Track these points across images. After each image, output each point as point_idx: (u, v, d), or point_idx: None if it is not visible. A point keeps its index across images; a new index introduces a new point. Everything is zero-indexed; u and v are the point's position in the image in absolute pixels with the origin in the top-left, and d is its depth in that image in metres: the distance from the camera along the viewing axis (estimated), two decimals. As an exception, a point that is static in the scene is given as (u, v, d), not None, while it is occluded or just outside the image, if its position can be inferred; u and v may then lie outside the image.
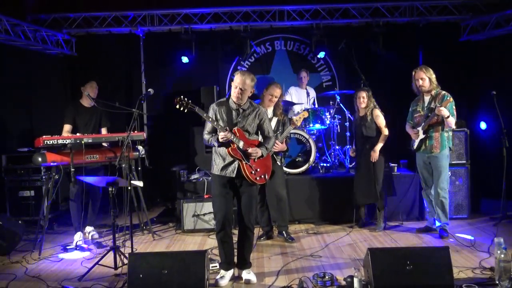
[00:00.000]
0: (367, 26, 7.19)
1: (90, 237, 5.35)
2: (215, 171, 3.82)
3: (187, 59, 7.19)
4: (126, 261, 3.94)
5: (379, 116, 5.25)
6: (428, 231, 5.18)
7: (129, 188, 4.55)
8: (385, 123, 5.27)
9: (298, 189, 5.81)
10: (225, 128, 3.66)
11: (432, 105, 4.87)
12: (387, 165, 5.45)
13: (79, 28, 7.20)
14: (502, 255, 3.51)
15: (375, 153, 5.20)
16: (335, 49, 7.05)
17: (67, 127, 5.18)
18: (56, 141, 4.67)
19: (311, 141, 5.91)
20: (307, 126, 6.23)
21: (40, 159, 4.68)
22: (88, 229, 5.42)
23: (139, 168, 5.47)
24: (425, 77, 4.85)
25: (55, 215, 5.89)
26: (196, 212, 5.48)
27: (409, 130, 5.19)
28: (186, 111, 3.65)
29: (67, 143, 4.72)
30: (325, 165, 6.31)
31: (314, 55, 7.54)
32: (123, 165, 4.94)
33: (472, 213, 5.85)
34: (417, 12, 7.09)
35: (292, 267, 4.21)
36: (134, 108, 4.70)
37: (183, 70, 7.50)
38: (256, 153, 3.75)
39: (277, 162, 4.97)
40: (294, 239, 5.05)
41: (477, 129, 6.42)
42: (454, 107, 4.82)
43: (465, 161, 5.80)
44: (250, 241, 3.94)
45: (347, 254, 4.57)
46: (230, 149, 3.70)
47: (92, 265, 4.13)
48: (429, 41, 7.29)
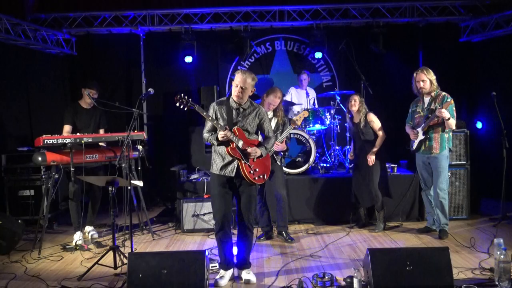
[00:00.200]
0: (367, 26, 7.20)
1: (89, 237, 5.35)
2: (215, 170, 3.82)
3: (191, 59, 7.19)
4: (125, 261, 3.94)
5: (373, 121, 5.27)
6: (427, 232, 5.18)
7: (129, 187, 4.55)
8: (381, 125, 5.28)
9: (298, 189, 5.81)
10: (225, 127, 3.66)
11: (432, 107, 4.87)
12: (383, 166, 5.45)
13: (79, 27, 7.20)
14: (501, 256, 3.51)
15: (371, 157, 5.22)
16: (335, 49, 7.06)
17: (67, 128, 5.19)
18: (56, 140, 4.68)
19: (311, 141, 5.91)
20: (307, 126, 6.23)
21: (40, 159, 4.68)
22: (87, 228, 5.42)
23: (139, 168, 5.49)
24: (426, 79, 4.85)
25: (54, 215, 5.89)
26: (195, 212, 5.48)
27: (408, 130, 5.19)
28: (186, 109, 3.65)
29: (67, 142, 4.72)
30: (325, 165, 6.31)
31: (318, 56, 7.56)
32: (123, 165, 4.94)
33: (471, 214, 5.85)
34: (417, 12, 7.10)
35: (291, 267, 4.21)
36: (134, 108, 4.70)
37: (183, 70, 7.51)
38: (255, 153, 3.75)
39: (277, 162, 4.97)
40: (293, 239, 5.05)
41: (476, 130, 6.41)
42: (454, 108, 4.83)
43: (464, 162, 5.80)
44: (249, 241, 3.94)
45: (346, 254, 4.57)
46: (229, 148, 3.70)
47: (91, 265, 4.12)
48: (429, 42, 7.30)
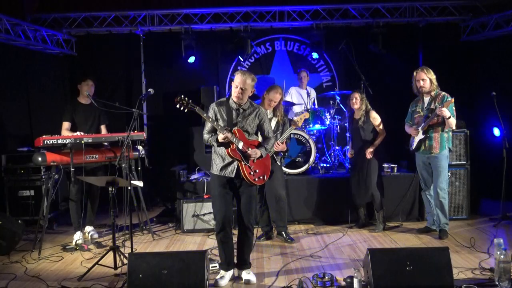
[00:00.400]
0: (367, 26, 7.20)
1: (89, 237, 5.35)
2: (215, 171, 3.82)
3: (193, 59, 7.21)
4: (125, 261, 3.94)
5: (376, 118, 5.27)
6: (427, 232, 5.18)
7: (129, 188, 4.55)
8: (382, 124, 5.30)
9: (297, 189, 5.81)
10: (225, 128, 3.66)
11: (432, 106, 4.87)
12: (381, 166, 5.46)
13: (79, 28, 7.20)
14: (501, 256, 3.51)
15: (369, 150, 5.19)
16: (335, 49, 7.05)
17: (66, 125, 5.18)
18: (56, 140, 4.68)
19: (311, 141, 5.90)
20: (307, 126, 6.24)
21: (40, 159, 4.68)
22: (87, 228, 5.42)
23: (139, 168, 5.48)
24: (426, 78, 4.85)
25: (54, 215, 5.89)
26: (195, 212, 5.48)
27: (408, 129, 5.18)
28: (186, 111, 3.65)
29: (67, 142, 4.72)
30: (325, 165, 6.30)
31: (318, 56, 7.56)
32: (123, 165, 4.94)
33: (471, 214, 5.85)
34: (417, 12, 7.10)
35: (291, 268, 4.21)
36: (134, 108, 4.70)
37: (183, 70, 7.51)
38: (255, 154, 3.74)
39: (277, 162, 4.97)
40: (293, 240, 5.05)
41: (477, 131, 6.38)
42: (454, 107, 4.83)
43: (464, 162, 5.80)
44: (250, 241, 3.94)
45: (346, 254, 4.57)
46: (229, 149, 3.69)
47: (92, 265, 4.12)
48: (429, 42, 7.30)
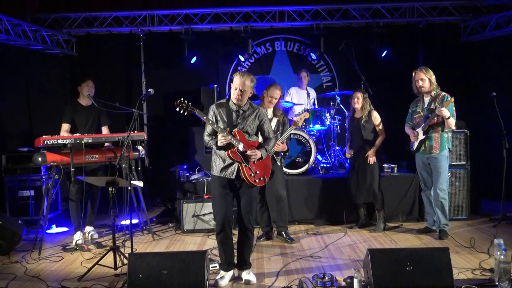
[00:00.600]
0: (367, 26, 7.20)
1: (89, 237, 5.35)
2: (215, 172, 3.82)
3: (194, 59, 7.23)
4: (126, 261, 3.94)
5: (377, 118, 5.28)
6: (427, 232, 5.18)
7: (129, 188, 4.55)
8: (382, 124, 5.30)
9: (298, 189, 5.81)
10: (225, 130, 3.65)
11: (432, 106, 4.87)
12: (381, 166, 5.47)
13: (80, 28, 7.20)
14: (501, 256, 3.51)
15: (373, 156, 5.23)
16: (335, 49, 7.05)
17: (65, 126, 5.18)
18: (56, 141, 4.68)
19: (311, 141, 5.90)
20: (307, 126, 6.23)
21: (40, 159, 4.69)
22: (87, 229, 5.42)
23: (139, 168, 5.48)
24: (425, 78, 4.85)
25: (55, 215, 5.89)
26: (196, 212, 5.48)
27: (408, 131, 5.19)
28: (186, 114, 3.64)
29: (67, 143, 4.72)
30: (325, 165, 6.30)
31: (318, 57, 7.57)
32: (123, 165, 4.94)
33: (471, 214, 5.85)
34: (417, 13, 7.10)
35: (292, 268, 4.21)
36: (134, 108, 4.70)
37: (183, 70, 7.51)
38: (255, 156, 3.74)
39: (277, 162, 4.97)
40: (293, 240, 5.05)
41: (477, 131, 6.37)
42: (454, 107, 4.83)
43: (464, 162, 5.80)
44: (250, 242, 3.94)
45: (347, 254, 4.57)
46: (229, 151, 3.67)
47: (92, 265, 4.12)
48: (429, 42, 7.29)
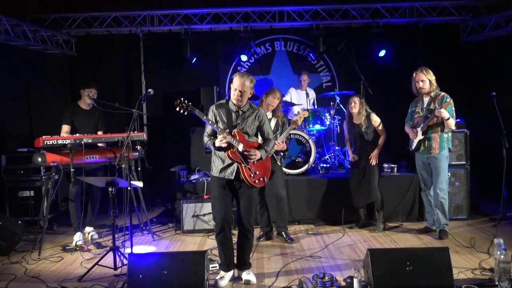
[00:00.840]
0: (367, 26, 7.20)
1: (89, 238, 5.35)
2: (214, 172, 3.81)
3: (194, 59, 7.24)
4: (125, 262, 3.94)
5: (376, 121, 5.29)
6: (427, 232, 5.18)
7: (129, 188, 4.55)
8: (382, 124, 5.32)
9: (297, 189, 5.81)
10: (225, 131, 3.65)
11: (431, 107, 4.87)
12: (380, 166, 5.48)
13: (79, 28, 7.21)
14: (501, 256, 3.51)
15: (375, 158, 5.25)
16: (335, 49, 7.05)
17: (65, 128, 5.19)
18: (55, 141, 4.67)
19: (311, 141, 5.90)
20: (307, 126, 6.23)
21: (40, 159, 4.68)
22: (87, 229, 5.42)
23: (139, 168, 5.49)
24: (425, 79, 4.85)
25: (54, 215, 5.88)
26: (195, 212, 5.48)
27: (408, 130, 5.19)
28: (186, 114, 3.64)
29: (66, 143, 4.72)
30: (324, 165, 6.30)
31: (318, 57, 7.56)
32: (123, 166, 4.94)
33: (471, 214, 5.84)
34: (417, 13, 7.11)
35: (291, 268, 4.21)
36: (134, 108, 4.70)
37: (183, 70, 7.52)
38: (255, 156, 3.73)
39: (277, 162, 4.97)
40: (293, 240, 5.05)
41: (477, 131, 6.38)
42: (453, 108, 4.83)
43: (464, 162, 5.80)
44: (249, 242, 3.94)
45: (346, 254, 4.57)
46: (229, 152, 3.67)
47: (91, 266, 4.12)
48: (429, 42, 7.30)
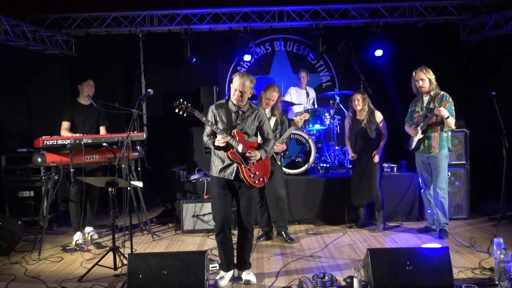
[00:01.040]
0: (367, 26, 7.21)
1: (89, 238, 5.35)
2: (214, 172, 3.81)
3: (194, 59, 7.26)
4: (125, 262, 3.94)
5: (380, 117, 5.31)
6: (427, 232, 5.18)
7: (129, 188, 4.55)
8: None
9: (297, 189, 5.81)
10: (224, 131, 3.64)
11: (431, 106, 4.87)
12: (380, 166, 5.49)
13: (79, 28, 7.21)
14: (501, 256, 3.51)
15: (377, 155, 5.26)
16: (335, 49, 7.05)
17: (65, 124, 5.18)
18: (55, 141, 4.67)
19: (310, 141, 5.90)
20: (307, 126, 6.23)
21: (39, 160, 4.68)
22: (87, 229, 5.42)
23: (139, 168, 5.49)
24: (425, 78, 4.85)
25: (54, 216, 5.88)
26: (195, 212, 5.48)
27: (408, 129, 5.18)
28: (185, 115, 3.61)
29: (66, 143, 4.72)
30: (324, 165, 6.30)
31: (317, 57, 7.58)
32: (123, 166, 4.94)
33: (471, 214, 5.85)
34: (416, 12, 7.11)
35: (291, 268, 4.20)
36: (133, 108, 4.70)
37: (182, 70, 7.52)
38: (255, 157, 3.73)
39: (277, 162, 4.97)
40: (293, 240, 5.05)
41: (477, 131, 6.38)
42: (453, 107, 4.83)
43: (464, 162, 5.80)
44: (249, 242, 3.93)
45: (346, 254, 4.57)
46: (229, 152, 3.66)
47: (91, 266, 4.12)
48: (429, 42, 7.30)
